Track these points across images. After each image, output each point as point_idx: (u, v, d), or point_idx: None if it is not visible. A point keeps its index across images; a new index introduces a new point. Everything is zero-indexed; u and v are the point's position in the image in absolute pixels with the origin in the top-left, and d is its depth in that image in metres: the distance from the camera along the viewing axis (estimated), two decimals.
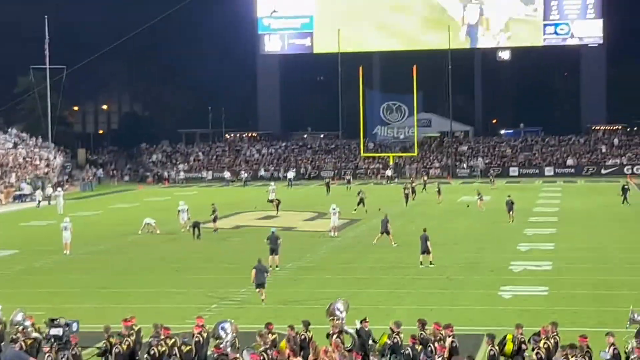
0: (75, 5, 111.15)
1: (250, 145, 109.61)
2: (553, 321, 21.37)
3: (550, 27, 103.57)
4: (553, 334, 20.52)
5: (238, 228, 53.23)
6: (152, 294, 33.02)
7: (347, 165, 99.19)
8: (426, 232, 37.72)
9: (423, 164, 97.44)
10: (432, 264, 36.96)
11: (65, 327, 18.98)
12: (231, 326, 20.75)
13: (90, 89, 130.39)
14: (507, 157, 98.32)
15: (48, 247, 45.76)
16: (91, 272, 38.11)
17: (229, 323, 20.90)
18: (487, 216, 55.34)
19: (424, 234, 37.61)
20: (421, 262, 37.22)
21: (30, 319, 22.39)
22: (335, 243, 45.34)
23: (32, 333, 21.62)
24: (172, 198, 72.44)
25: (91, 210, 66.34)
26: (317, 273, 36.64)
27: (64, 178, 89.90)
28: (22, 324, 21.80)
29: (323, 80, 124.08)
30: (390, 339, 20.72)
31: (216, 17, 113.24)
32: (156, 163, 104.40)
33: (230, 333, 20.51)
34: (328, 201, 64.13)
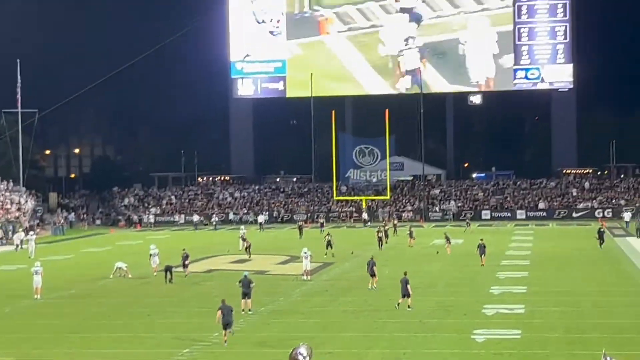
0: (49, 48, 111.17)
1: (223, 188, 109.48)
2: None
3: (521, 72, 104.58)
4: None
5: (210, 272, 53.00)
6: (123, 338, 32.74)
7: (320, 208, 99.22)
8: (407, 276, 37.76)
9: (396, 207, 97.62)
10: (409, 307, 36.91)
11: None
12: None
13: (63, 132, 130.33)
14: (479, 200, 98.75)
15: (18, 291, 45.34)
16: (62, 317, 37.77)
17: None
18: (459, 259, 55.45)
19: (404, 277, 37.62)
20: (398, 304, 37.12)
21: None
22: (308, 287, 45.23)
23: None
24: (144, 242, 72.13)
25: (62, 255, 65.91)
26: (289, 317, 36.50)
27: (35, 222, 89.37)
28: None
29: (296, 124, 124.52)
30: None
31: (189, 61, 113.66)
32: (128, 207, 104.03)
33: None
34: (301, 245, 64.05)
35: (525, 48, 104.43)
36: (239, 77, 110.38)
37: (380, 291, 42.80)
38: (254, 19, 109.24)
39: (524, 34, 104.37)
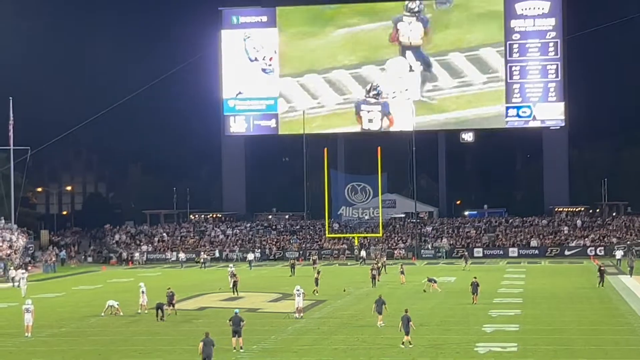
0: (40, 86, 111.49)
1: (215, 226, 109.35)
2: None
3: (512, 110, 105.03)
4: None
5: (202, 309, 52.81)
6: None
7: (312, 246, 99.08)
8: (408, 313, 37.83)
9: (388, 244, 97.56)
10: (410, 344, 36.94)
11: None
12: None
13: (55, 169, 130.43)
14: (472, 238, 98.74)
15: (9, 329, 45.11)
16: (53, 355, 37.59)
17: None
18: (452, 297, 55.36)
19: (405, 314, 37.73)
20: (403, 342, 37.17)
21: None
22: (301, 324, 45.07)
23: None
24: (135, 279, 71.92)
25: (54, 292, 65.61)
26: (281, 355, 36.34)
27: (27, 260, 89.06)
28: None
29: (288, 161, 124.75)
30: None
31: (182, 98, 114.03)
32: (120, 244, 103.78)
33: None
34: (293, 282, 63.95)
35: (517, 86, 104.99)
36: (231, 114, 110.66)
37: (370, 328, 42.70)
38: (247, 56, 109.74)
39: (515, 72, 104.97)
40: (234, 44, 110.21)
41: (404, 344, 37.12)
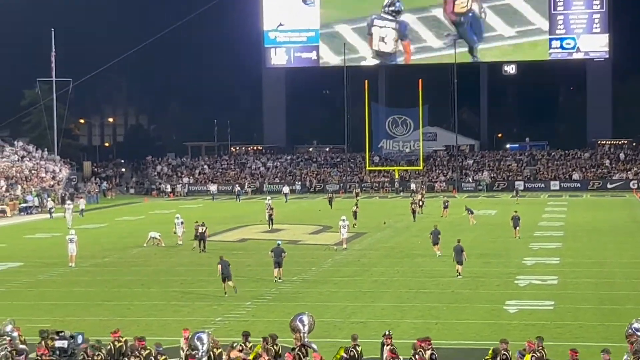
0: (82, 18, 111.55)
1: (256, 158, 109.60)
2: (538, 335, 21.39)
3: (556, 42, 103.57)
4: (539, 349, 20.46)
5: (242, 241, 53.21)
6: (157, 306, 32.99)
7: (353, 179, 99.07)
8: (460, 244, 38.15)
9: (428, 178, 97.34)
10: (459, 275, 37.33)
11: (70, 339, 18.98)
12: (208, 337, 20.84)
13: (97, 101, 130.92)
14: (513, 171, 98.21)
15: (53, 259, 45.77)
16: (96, 285, 38.11)
17: (206, 334, 21.02)
18: (492, 231, 55.30)
19: (458, 245, 38.08)
20: (459, 273, 37.58)
21: (17, 330, 22.48)
22: (340, 256, 45.29)
23: (18, 345, 21.68)
24: (176, 211, 72.49)
25: (96, 223, 66.34)
26: (322, 286, 36.60)
27: (71, 191, 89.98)
28: (10, 335, 21.86)
29: (329, 94, 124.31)
30: (347, 352, 20.79)
31: (223, 31, 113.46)
32: (161, 176, 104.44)
33: (206, 344, 20.57)
34: (332, 215, 64.29)
35: (561, 18, 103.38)
36: (272, 46, 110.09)
37: (410, 260, 42.85)
38: None
39: (559, 3, 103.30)
40: None
41: (459, 274, 37.42)
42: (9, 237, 59.05)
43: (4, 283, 38.94)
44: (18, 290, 37.28)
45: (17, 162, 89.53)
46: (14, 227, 67.00)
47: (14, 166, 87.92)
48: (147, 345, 21.20)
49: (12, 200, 78.81)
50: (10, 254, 49.34)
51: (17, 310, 31.67)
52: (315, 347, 21.12)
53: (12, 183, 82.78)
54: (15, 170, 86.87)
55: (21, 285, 38.63)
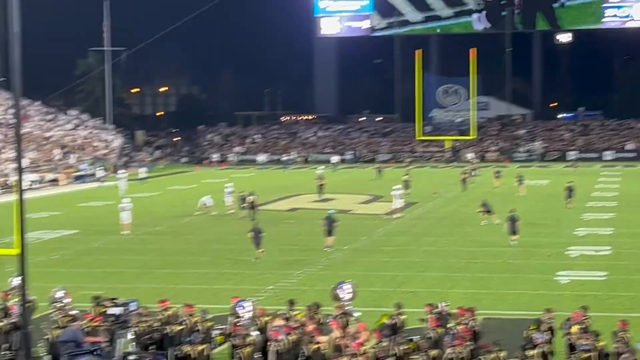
0: None
1: (307, 128, 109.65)
2: (583, 305, 21.27)
3: (610, 10, 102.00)
4: (584, 319, 20.32)
5: (293, 210, 53.40)
6: (209, 274, 33.26)
7: (403, 148, 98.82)
8: (514, 213, 38.07)
9: (480, 147, 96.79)
10: (514, 241, 37.42)
11: (124, 306, 19.22)
12: (252, 305, 21.02)
13: (149, 70, 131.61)
14: (566, 141, 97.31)
15: (106, 227, 46.29)
16: (148, 253, 38.50)
17: (250, 302, 21.19)
18: (544, 200, 54.93)
19: (512, 214, 38.01)
20: (511, 240, 37.62)
21: (68, 296, 22.83)
22: (391, 226, 45.30)
23: (70, 311, 22.01)
24: (228, 180, 72.88)
25: (149, 192, 66.92)
26: (372, 255, 36.64)
27: (125, 160, 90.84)
28: (62, 301, 22.20)
29: (380, 63, 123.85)
30: (390, 320, 20.83)
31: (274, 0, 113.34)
32: (213, 145, 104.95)
33: (250, 312, 20.77)
34: (380, 185, 64.29)
35: None
36: (322, 15, 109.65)
37: (460, 230, 42.74)
38: None
39: None
40: None
41: (514, 242, 37.40)
42: (63, 206, 59.80)
43: (58, 250, 39.47)
44: (72, 258, 37.78)
45: (71, 131, 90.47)
46: (68, 196, 67.82)
47: (68, 135, 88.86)
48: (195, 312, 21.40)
49: (66, 169, 79.75)
50: (64, 222, 50.00)
51: (71, 278, 32.10)
52: (357, 316, 21.22)
53: (66, 152, 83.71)
54: (69, 139, 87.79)
55: (75, 252, 39.14)
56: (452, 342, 18.71)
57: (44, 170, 77.60)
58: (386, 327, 20.47)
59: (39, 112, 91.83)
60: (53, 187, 74.04)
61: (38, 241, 41.81)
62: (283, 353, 19.09)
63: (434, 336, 19.84)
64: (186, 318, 20.86)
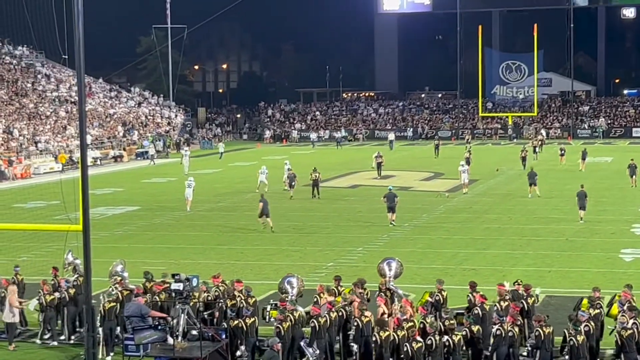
0: None
1: (368, 105, 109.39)
2: (627, 283, 21.03)
3: None
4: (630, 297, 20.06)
5: (354, 187, 53.40)
6: (270, 251, 33.42)
7: (465, 125, 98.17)
8: (584, 189, 38.18)
9: (543, 124, 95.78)
10: (582, 220, 37.38)
11: (186, 282, 19.38)
12: (297, 281, 21.07)
13: (211, 48, 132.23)
14: (631, 117, 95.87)
15: (169, 203, 46.72)
16: (210, 229, 38.77)
17: (296, 278, 21.23)
18: (608, 178, 54.24)
19: (582, 190, 38.06)
20: (581, 218, 37.53)
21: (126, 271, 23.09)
22: (452, 203, 45.11)
23: (129, 285, 22.26)
24: (289, 157, 73.05)
25: (211, 169, 67.34)
26: (433, 232, 36.53)
27: (186, 137, 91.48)
28: (121, 275, 22.45)
29: (441, 40, 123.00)
30: (432, 296, 20.87)
31: None
32: (274, 122, 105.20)
33: (296, 287, 20.83)
34: (438, 163, 64.11)
35: None
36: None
37: (524, 207, 42.40)
38: None
39: None
40: None
41: (582, 218, 37.40)
42: (126, 182, 60.45)
43: (121, 226, 39.95)
44: (135, 234, 38.21)
45: (134, 108, 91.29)
46: (131, 172, 68.52)
47: (131, 112, 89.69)
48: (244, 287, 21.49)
49: (129, 146, 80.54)
50: (127, 198, 50.57)
51: (134, 253, 32.48)
52: (402, 293, 21.22)
53: (129, 128, 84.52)
54: (132, 116, 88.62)
55: (138, 228, 39.58)
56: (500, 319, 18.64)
57: (107, 147, 78.45)
58: (429, 303, 20.56)
59: (102, 89, 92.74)
60: (116, 164, 74.85)
61: (101, 217, 42.37)
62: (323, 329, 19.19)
63: (481, 311, 19.78)
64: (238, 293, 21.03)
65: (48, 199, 45.36)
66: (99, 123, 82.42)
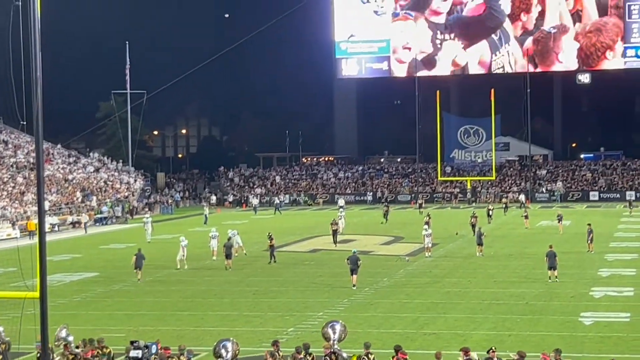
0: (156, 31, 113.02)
1: (327, 169, 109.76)
2: (556, 348, 21.04)
3: (631, 50, 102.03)
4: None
5: (314, 252, 53.30)
6: (230, 316, 33.18)
7: (424, 189, 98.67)
8: (553, 249, 39.02)
9: (501, 188, 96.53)
10: (557, 278, 38.39)
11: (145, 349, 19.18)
12: (232, 345, 20.91)
13: (170, 113, 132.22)
14: (587, 181, 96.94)
15: (127, 269, 46.23)
16: (170, 295, 38.46)
17: (231, 342, 21.08)
18: (566, 241, 54.56)
19: (551, 250, 38.85)
20: (549, 277, 38.18)
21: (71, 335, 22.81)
22: (412, 267, 45.13)
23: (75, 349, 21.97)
24: (249, 222, 72.96)
25: (171, 234, 66.92)
26: (393, 297, 36.47)
27: (144, 202, 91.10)
28: (66, 340, 22.17)
29: (400, 104, 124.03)
30: None
31: (294, 42, 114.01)
32: (234, 187, 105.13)
33: (231, 352, 20.66)
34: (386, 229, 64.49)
35: (636, 26, 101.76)
36: (343, 57, 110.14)
37: (484, 271, 42.52)
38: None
39: (634, 11, 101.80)
40: None
41: (551, 278, 38.27)
42: (84, 248, 59.93)
43: (80, 293, 39.52)
44: (94, 300, 37.80)
45: (93, 174, 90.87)
46: (90, 238, 67.96)
47: (90, 177, 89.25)
48: None
49: (88, 211, 79.99)
50: (86, 264, 50.11)
51: (93, 320, 32.10)
52: (345, 356, 21.15)
53: (88, 194, 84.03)
54: (91, 182, 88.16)
55: (97, 295, 39.17)
56: None
57: (65, 212, 77.88)
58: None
59: (61, 154, 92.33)
60: (75, 230, 74.26)
61: (59, 283, 41.94)
62: None
63: None
64: None
65: (5, 265, 44.83)
66: (57, 189, 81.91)
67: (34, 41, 18.43)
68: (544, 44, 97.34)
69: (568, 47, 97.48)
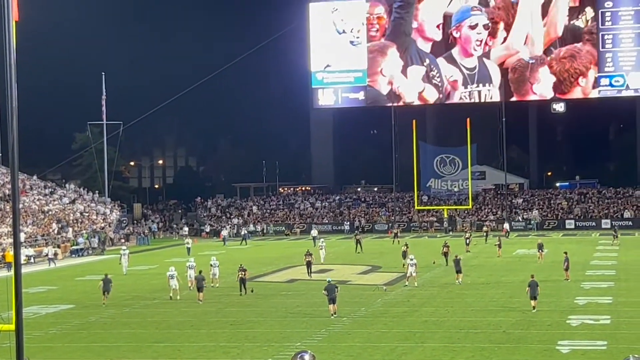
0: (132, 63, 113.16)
1: (304, 199, 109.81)
2: None
3: (605, 79, 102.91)
4: None
5: (291, 282, 53.20)
6: (207, 347, 33.03)
7: (401, 218, 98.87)
8: (535, 278, 39.23)
9: (477, 216, 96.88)
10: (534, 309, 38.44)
11: None
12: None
13: (146, 144, 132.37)
14: (563, 209, 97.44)
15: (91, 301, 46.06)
16: (146, 326, 38.26)
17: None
18: (543, 270, 54.68)
19: (533, 280, 39.12)
20: (533, 308, 38.37)
21: None
22: (390, 296, 45.10)
23: None
24: (226, 252, 72.76)
25: (147, 265, 66.70)
26: (371, 326, 36.43)
27: (121, 233, 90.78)
28: None
29: (376, 134, 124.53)
30: None
31: (270, 72, 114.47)
32: (211, 217, 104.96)
33: None
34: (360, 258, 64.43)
35: (610, 55, 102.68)
36: (319, 87, 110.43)
37: (462, 300, 42.53)
38: (335, 29, 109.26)
39: (607, 40, 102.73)
40: (322, 16, 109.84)
41: (535, 308, 38.48)
42: (60, 280, 59.56)
43: (56, 325, 39.24)
44: (70, 332, 37.53)
45: (69, 205, 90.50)
46: (65, 270, 67.53)
47: (66, 209, 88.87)
48: None
49: (64, 243, 79.59)
50: (61, 296, 49.77)
51: (69, 353, 31.87)
52: None
53: (64, 225, 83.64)
54: (67, 213, 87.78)
55: (73, 327, 38.90)
56: None
57: (41, 244, 77.42)
58: None
59: (37, 186, 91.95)
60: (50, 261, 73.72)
61: (35, 316, 41.61)
62: None
63: None
64: None
65: None
66: (33, 220, 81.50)
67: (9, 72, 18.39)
68: (520, 73, 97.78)
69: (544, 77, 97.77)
